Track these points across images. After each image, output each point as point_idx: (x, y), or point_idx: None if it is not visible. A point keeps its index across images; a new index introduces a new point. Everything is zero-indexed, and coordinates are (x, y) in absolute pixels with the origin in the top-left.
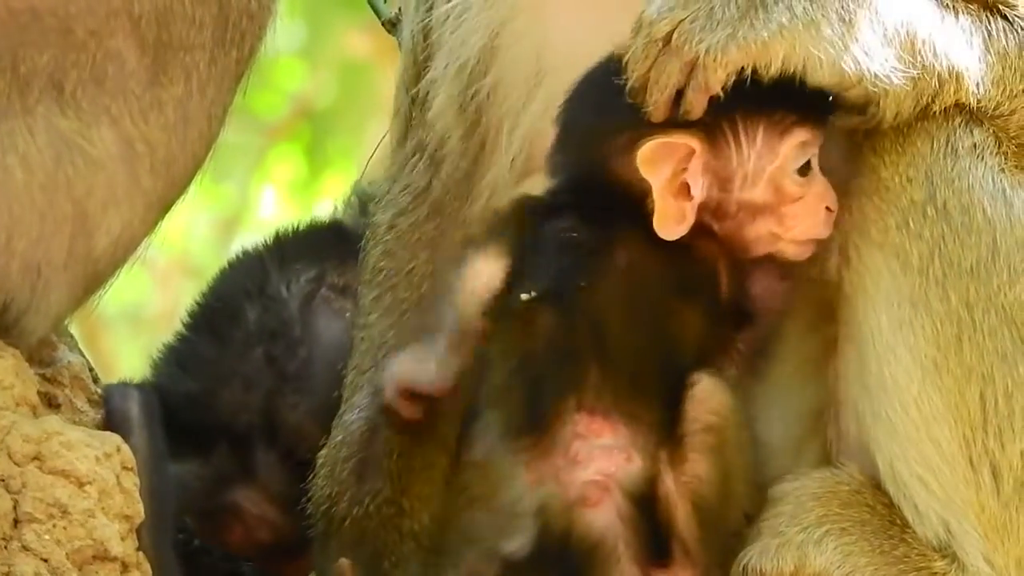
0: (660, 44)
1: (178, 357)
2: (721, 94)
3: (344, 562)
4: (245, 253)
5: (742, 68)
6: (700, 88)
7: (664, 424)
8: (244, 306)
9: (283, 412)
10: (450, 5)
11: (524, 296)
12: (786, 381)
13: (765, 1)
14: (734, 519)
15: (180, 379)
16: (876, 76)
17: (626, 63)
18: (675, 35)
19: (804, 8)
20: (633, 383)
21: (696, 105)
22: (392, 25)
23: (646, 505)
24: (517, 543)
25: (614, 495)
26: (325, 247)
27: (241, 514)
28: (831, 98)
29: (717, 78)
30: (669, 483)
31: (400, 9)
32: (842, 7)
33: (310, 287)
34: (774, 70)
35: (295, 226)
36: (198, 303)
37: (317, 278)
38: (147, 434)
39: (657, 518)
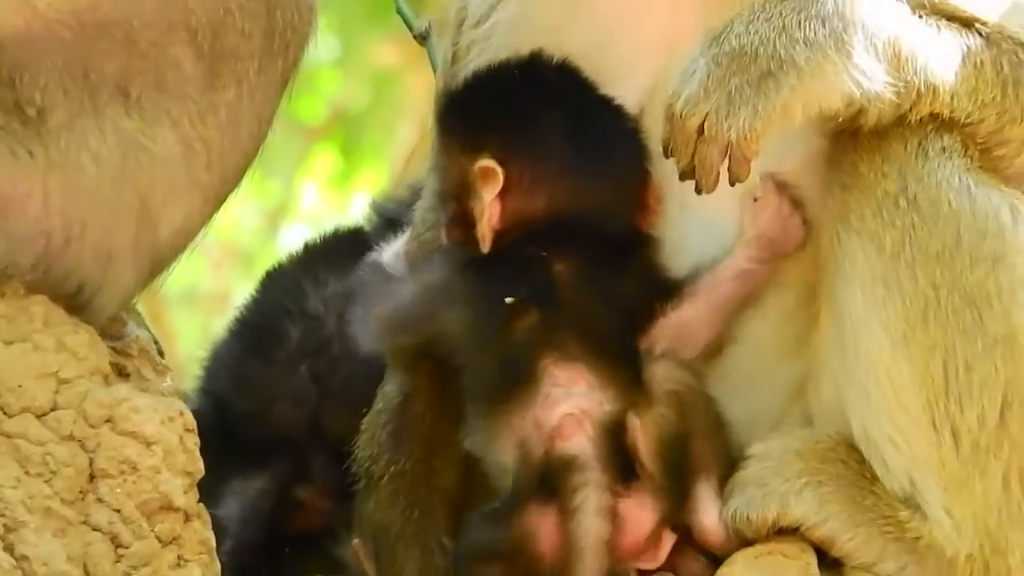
0: (695, 135)
1: (232, 378)
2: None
3: (357, 543)
4: (281, 270)
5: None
6: (740, 160)
7: (633, 385)
8: (287, 326)
9: (329, 422)
10: (478, 31)
11: (509, 300)
12: (774, 354)
13: (772, 71)
14: (697, 465)
15: (236, 400)
16: (873, 94)
17: (668, 149)
18: (705, 127)
19: (807, 58)
20: (600, 346)
21: (741, 173)
22: (423, 38)
23: (615, 437)
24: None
25: (586, 427)
26: (351, 258)
27: (303, 508)
28: None
29: (752, 150)
30: (635, 421)
31: (429, 23)
32: (838, 39)
33: (344, 303)
34: (799, 121)
35: (322, 237)
36: (243, 320)
37: (348, 292)
38: None
39: (625, 448)
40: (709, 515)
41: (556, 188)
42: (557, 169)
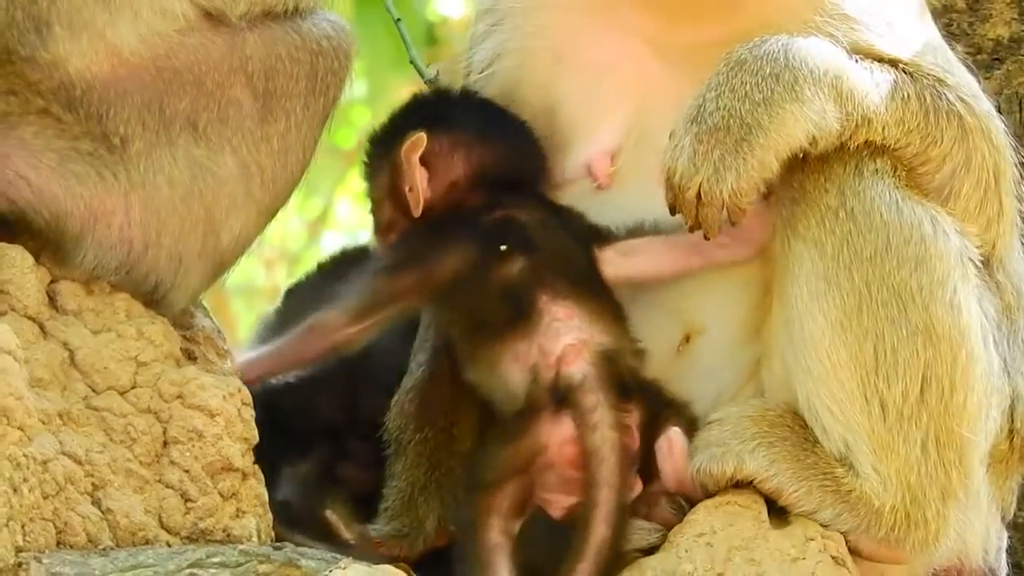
0: (695, 200)
1: (276, 387)
2: None
3: (330, 513)
4: (308, 279)
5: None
6: (736, 211)
7: (617, 321)
8: None
9: (364, 410)
10: (480, 78)
11: (503, 247)
12: (737, 341)
13: (745, 137)
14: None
15: (283, 394)
16: (824, 128)
17: (674, 210)
18: (702, 194)
19: (770, 116)
20: (581, 286)
21: (739, 219)
22: (432, 83)
23: (612, 364)
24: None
25: (585, 354)
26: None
27: (346, 483)
28: None
29: (744, 203)
30: (628, 353)
31: (437, 71)
32: (791, 91)
33: None
34: (777, 168)
35: (337, 253)
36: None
37: None
38: None
39: (615, 376)
40: (675, 453)
41: (474, 154)
42: (473, 139)
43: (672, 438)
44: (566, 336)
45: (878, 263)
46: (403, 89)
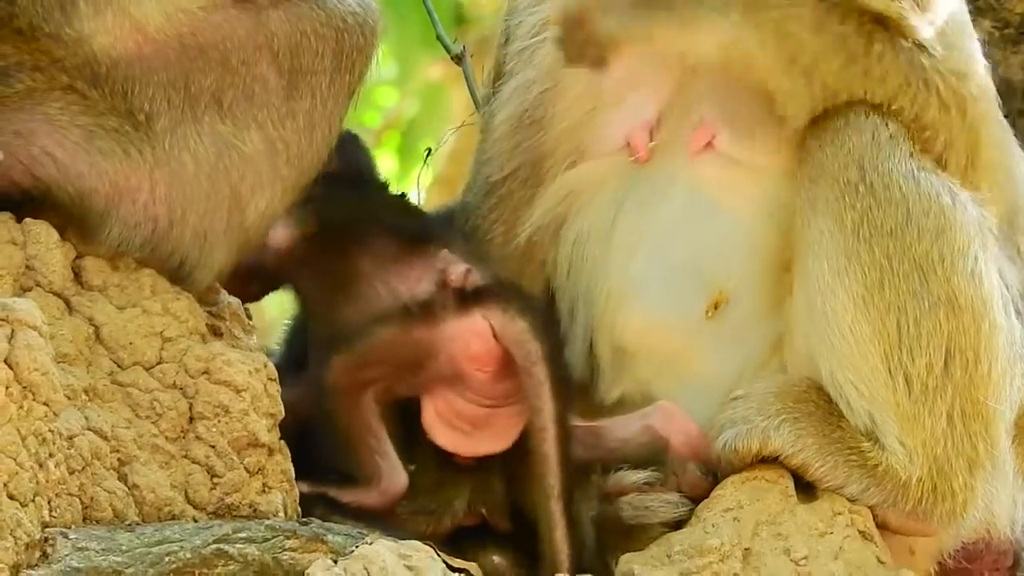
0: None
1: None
2: None
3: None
4: None
5: None
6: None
7: None
8: None
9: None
10: (527, 42)
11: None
12: (762, 310)
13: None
14: None
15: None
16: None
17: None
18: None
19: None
20: None
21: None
22: (458, 58)
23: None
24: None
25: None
26: None
27: None
28: None
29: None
30: None
31: (464, 46)
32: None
33: None
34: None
35: None
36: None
37: None
38: None
39: None
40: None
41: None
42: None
43: (665, 407)
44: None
45: (899, 236)
46: (431, 68)
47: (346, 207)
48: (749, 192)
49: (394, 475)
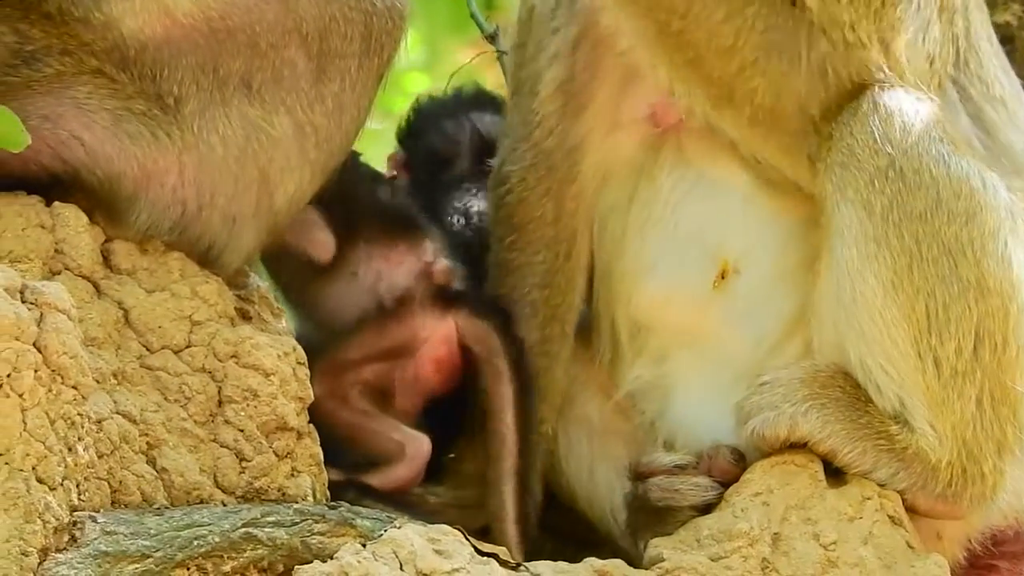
0: None
1: None
2: None
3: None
4: None
5: None
6: None
7: None
8: None
9: None
10: (561, 9)
11: None
12: (773, 283)
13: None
14: None
15: None
16: None
17: None
18: None
19: None
20: None
21: None
22: (491, 38)
23: None
24: None
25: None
26: None
27: None
28: None
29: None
30: None
31: (497, 26)
32: None
33: None
34: None
35: None
36: None
37: None
38: None
39: None
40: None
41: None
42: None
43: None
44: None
45: (928, 220)
46: (462, 52)
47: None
48: (752, 163)
49: (415, 442)
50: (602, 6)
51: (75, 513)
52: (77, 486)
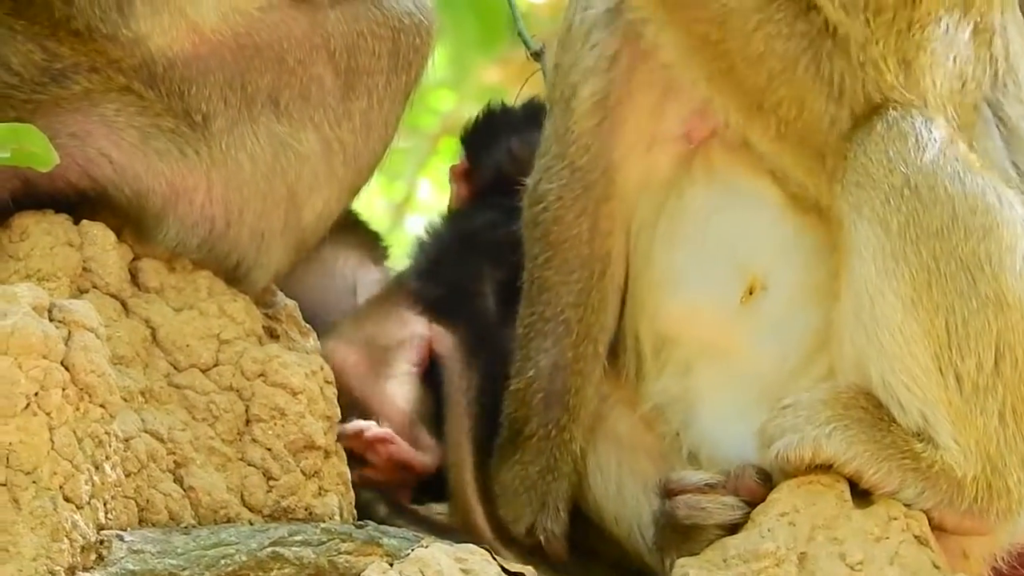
0: None
1: None
2: None
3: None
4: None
5: None
6: None
7: None
8: None
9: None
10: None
11: None
12: (800, 301)
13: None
14: None
15: None
16: None
17: None
18: None
19: None
20: None
21: None
22: (537, 55)
23: None
24: None
25: None
26: None
27: None
28: None
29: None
30: None
31: (543, 44)
32: None
33: None
34: None
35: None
36: None
37: None
38: None
39: None
40: None
41: None
42: None
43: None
44: None
45: (945, 236)
46: (490, 70)
47: None
48: (782, 179)
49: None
50: (646, 19)
51: (102, 532)
52: (104, 505)
